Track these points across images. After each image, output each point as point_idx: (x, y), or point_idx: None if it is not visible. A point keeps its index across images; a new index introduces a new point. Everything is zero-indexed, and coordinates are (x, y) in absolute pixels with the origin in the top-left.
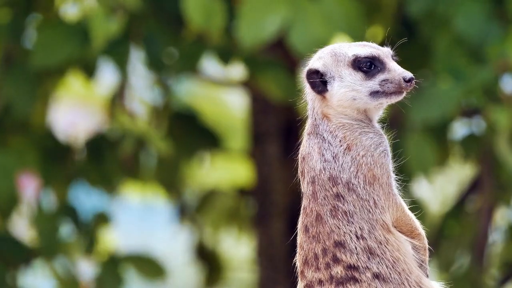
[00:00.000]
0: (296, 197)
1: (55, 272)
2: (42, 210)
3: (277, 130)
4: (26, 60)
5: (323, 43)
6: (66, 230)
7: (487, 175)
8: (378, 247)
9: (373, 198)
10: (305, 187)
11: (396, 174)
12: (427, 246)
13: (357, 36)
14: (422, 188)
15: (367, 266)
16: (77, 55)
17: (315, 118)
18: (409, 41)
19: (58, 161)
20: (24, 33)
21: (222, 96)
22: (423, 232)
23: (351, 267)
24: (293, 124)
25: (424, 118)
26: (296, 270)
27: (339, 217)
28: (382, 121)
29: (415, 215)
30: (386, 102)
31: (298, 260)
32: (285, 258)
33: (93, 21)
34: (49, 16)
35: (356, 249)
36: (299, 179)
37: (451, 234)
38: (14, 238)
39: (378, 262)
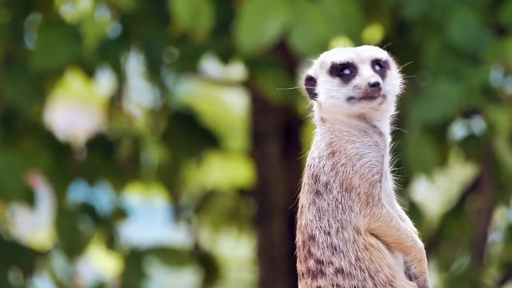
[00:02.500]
0: (295, 197)
1: (54, 276)
2: (61, 209)
3: (277, 130)
4: (26, 60)
5: (325, 43)
6: (85, 227)
7: (487, 175)
8: (343, 245)
9: (349, 203)
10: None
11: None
12: (422, 257)
13: (357, 37)
14: (422, 188)
15: (330, 261)
16: (77, 56)
17: (316, 121)
18: (407, 42)
19: (66, 160)
20: (24, 33)
21: (222, 96)
22: (418, 245)
23: (318, 261)
24: (293, 124)
25: (424, 119)
26: (296, 269)
27: (314, 212)
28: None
29: (415, 215)
30: (364, 107)
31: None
32: (285, 258)
33: (85, 21)
34: (49, 16)
35: (322, 243)
36: None
37: (451, 234)
38: (20, 243)
39: (341, 258)
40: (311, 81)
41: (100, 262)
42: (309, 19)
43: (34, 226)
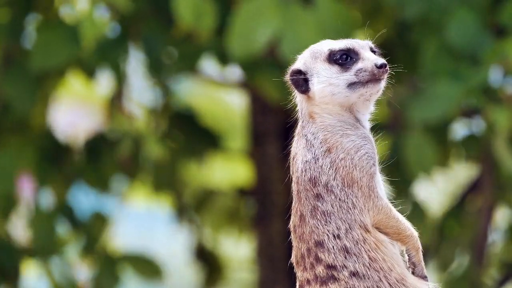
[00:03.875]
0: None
1: (50, 274)
2: (39, 210)
3: (277, 130)
4: (25, 60)
5: None
6: (63, 230)
7: (487, 175)
8: (355, 246)
9: (352, 200)
10: (293, 187)
11: (387, 175)
12: (419, 246)
13: None
14: (422, 188)
15: (344, 265)
16: (76, 56)
17: (303, 120)
18: (406, 43)
19: (56, 161)
20: (24, 33)
21: (221, 96)
22: (415, 233)
23: (330, 266)
24: (293, 124)
25: (424, 118)
26: (295, 270)
27: (318, 217)
28: (376, 122)
29: (414, 215)
30: (366, 92)
31: (293, 260)
32: (284, 258)
33: (83, 21)
34: (48, 16)
35: (333, 248)
36: (291, 179)
37: (451, 234)
38: (8, 242)
39: (355, 261)
40: (297, 74)
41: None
42: (300, 26)
43: None
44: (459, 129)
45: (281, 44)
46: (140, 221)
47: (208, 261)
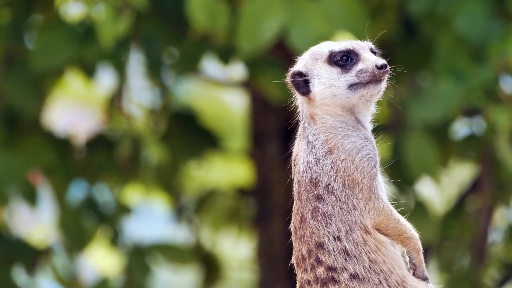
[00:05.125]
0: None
1: (56, 273)
2: (67, 208)
3: (277, 130)
4: (27, 60)
5: (324, 40)
6: (89, 223)
7: (487, 175)
8: (355, 248)
9: (352, 201)
10: (294, 188)
11: (388, 176)
12: (420, 248)
13: (359, 35)
14: (423, 188)
15: (344, 267)
16: (77, 56)
17: (304, 121)
18: (411, 42)
19: (67, 158)
20: (25, 33)
21: (222, 96)
22: (415, 235)
23: (330, 268)
24: (294, 125)
25: (424, 118)
26: (295, 271)
27: (319, 218)
28: (377, 122)
29: (417, 214)
30: (367, 93)
31: (293, 261)
32: (284, 258)
33: (101, 21)
34: (49, 16)
35: (333, 250)
36: (292, 180)
37: (452, 234)
38: (21, 239)
39: (355, 263)
40: (297, 76)
41: (100, 259)
42: (308, 17)
43: (33, 223)
44: (460, 129)
45: (290, 35)
46: (138, 221)
47: (206, 261)
